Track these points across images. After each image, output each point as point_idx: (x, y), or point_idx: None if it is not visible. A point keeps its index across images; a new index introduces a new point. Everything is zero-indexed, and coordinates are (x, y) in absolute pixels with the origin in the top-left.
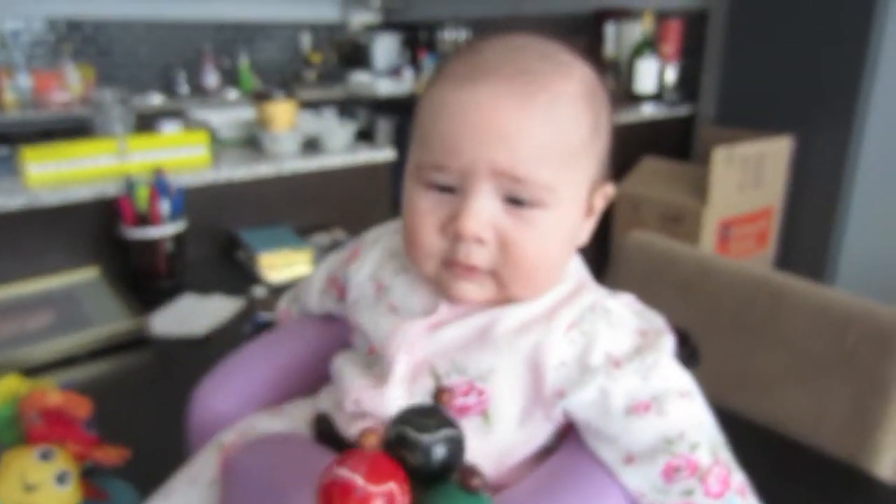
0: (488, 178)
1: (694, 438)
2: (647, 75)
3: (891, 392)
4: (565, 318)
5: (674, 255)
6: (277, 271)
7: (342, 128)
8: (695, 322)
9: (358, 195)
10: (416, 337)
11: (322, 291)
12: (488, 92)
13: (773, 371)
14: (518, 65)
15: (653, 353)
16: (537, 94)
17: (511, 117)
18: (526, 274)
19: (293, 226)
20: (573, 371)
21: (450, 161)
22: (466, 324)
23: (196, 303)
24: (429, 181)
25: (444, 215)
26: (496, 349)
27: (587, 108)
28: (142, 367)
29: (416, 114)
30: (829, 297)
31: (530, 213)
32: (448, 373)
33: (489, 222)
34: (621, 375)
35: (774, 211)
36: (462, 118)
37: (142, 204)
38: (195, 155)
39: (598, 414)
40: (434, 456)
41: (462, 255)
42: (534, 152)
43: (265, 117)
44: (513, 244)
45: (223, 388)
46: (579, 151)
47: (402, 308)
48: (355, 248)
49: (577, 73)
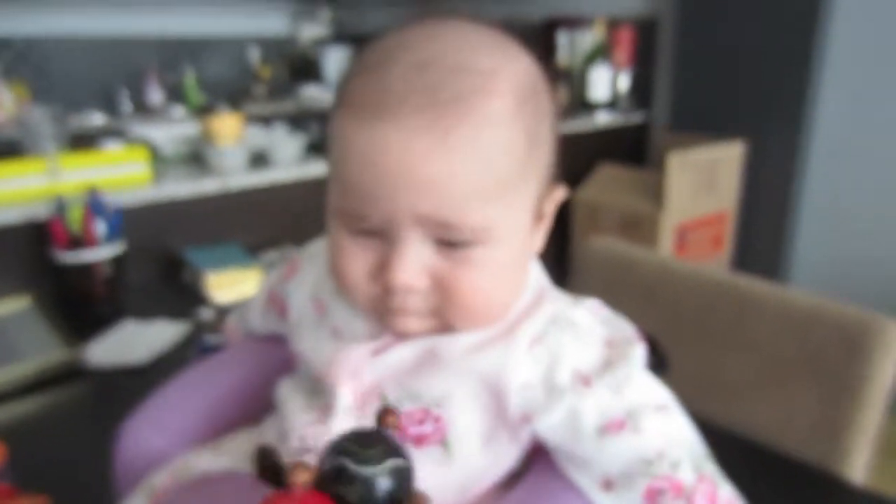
0: (414, 224)
1: (674, 456)
2: (600, 83)
3: (859, 393)
4: (526, 333)
5: (634, 260)
6: (226, 291)
7: (291, 140)
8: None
9: (310, 209)
10: (360, 362)
11: (264, 311)
12: (397, 132)
13: (740, 376)
14: (429, 89)
15: (624, 365)
16: (456, 126)
17: (428, 161)
18: (472, 313)
19: (243, 243)
20: (539, 393)
21: (369, 210)
22: (418, 346)
23: (137, 329)
24: (351, 227)
25: (372, 262)
26: (450, 371)
27: (519, 127)
28: (75, 401)
29: (328, 145)
30: (793, 299)
31: (467, 253)
32: (400, 400)
33: (422, 269)
34: (591, 392)
35: (729, 214)
36: (371, 165)
37: (75, 226)
38: (134, 173)
39: (569, 436)
40: (377, 491)
41: (397, 303)
42: (460, 195)
43: (210, 132)
44: (452, 288)
45: (154, 424)
46: (514, 179)
47: (345, 332)
48: (294, 262)
49: (503, 82)
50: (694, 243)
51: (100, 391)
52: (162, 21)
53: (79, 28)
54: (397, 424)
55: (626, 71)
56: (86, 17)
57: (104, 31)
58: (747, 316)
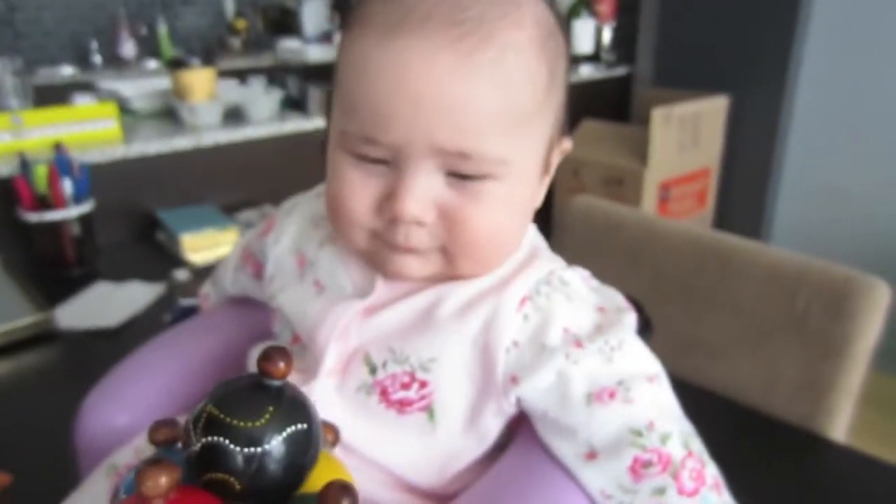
0: (428, 154)
1: (665, 428)
2: (584, 36)
3: (843, 353)
4: (518, 290)
5: (618, 219)
6: (202, 253)
7: (267, 96)
8: (643, 287)
9: (288, 167)
10: (350, 322)
11: (236, 269)
12: (420, 48)
13: (724, 336)
14: (455, 9)
15: (616, 331)
16: (480, 47)
17: (450, 81)
18: (478, 252)
19: (218, 203)
20: (527, 352)
21: (380, 135)
22: (407, 306)
23: (110, 291)
24: (358, 153)
25: (377, 191)
26: (441, 332)
27: (542, 59)
28: (44, 366)
29: (337, 69)
30: (779, 259)
31: (479, 187)
32: (385, 362)
33: (431, 201)
34: (583, 356)
35: (712, 171)
36: (391, 83)
37: (41, 185)
38: (104, 129)
39: (556, 402)
40: (269, 470)
41: (401, 237)
42: (480, 122)
43: (182, 87)
44: (461, 222)
45: (117, 400)
46: (534, 113)
47: (329, 286)
48: (270, 218)
49: (529, 15)
50: (678, 200)
51: (70, 355)
52: None
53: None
54: (287, 368)
55: (609, 24)
56: None
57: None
58: (732, 275)
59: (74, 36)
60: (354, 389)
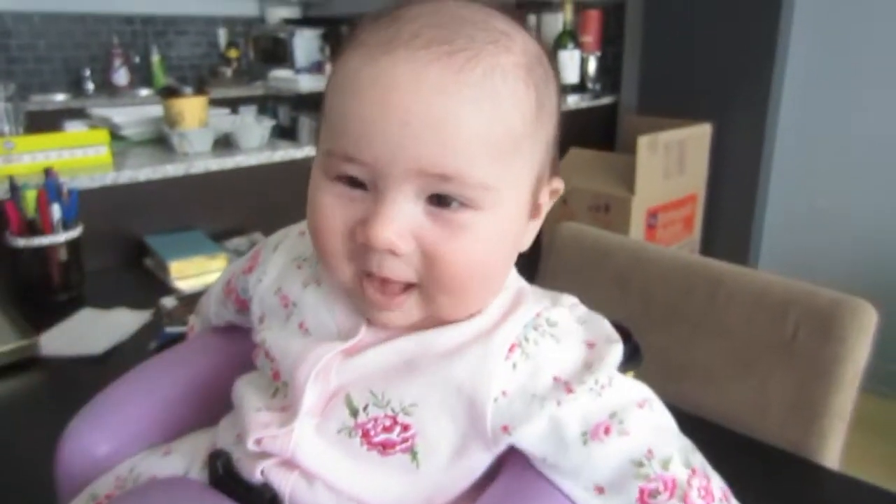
0: (409, 176)
1: (664, 453)
2: (570, 66)
3: (833, 377)
4: (506, 337)
5: (607, 245)
6: (190, 280)
7: (258, 125)
8: (630, 313)
9: (278, 195)
10: (330, 363)
11: (219, 302)
12: (408, 65)
13: (714, 361)
14: (444, 32)
15: (604, 366)
16: (469, 65)
17: (436, 98)
18: (457, 290)
19: (208, 230)
20: (518, 402)
21: (361, 153)
22: (390, 349)
23: (96, 318)
24: (336, 172)
25: (352, 216)
26: (424, 378)
27: (530, 85)
28: (27, 393)
29: (326, 91)
30: (767, 282)
31: (461, 217)
32: (366, 405)
33: (408, 229)
34: (574, 399)
35: (699, 196)
36: (376, 99)
37: (30, 209)
38: (94, 155)
39: (553, 447)
40: None
41: (374, 265)
42: (466, 142)
43: (173, 114)
44: (439, 256)
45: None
46: (521, 140)
47: (314, 329)
48: (255, 253)
49: (518, 43)
50: (665, 226)
51: (53, 382)
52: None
53: (42, 3)
54: None
55: (594, 54)
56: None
57: (69, 7)
58: (720, 300)
59: (68, 62)
60: (336, 431)
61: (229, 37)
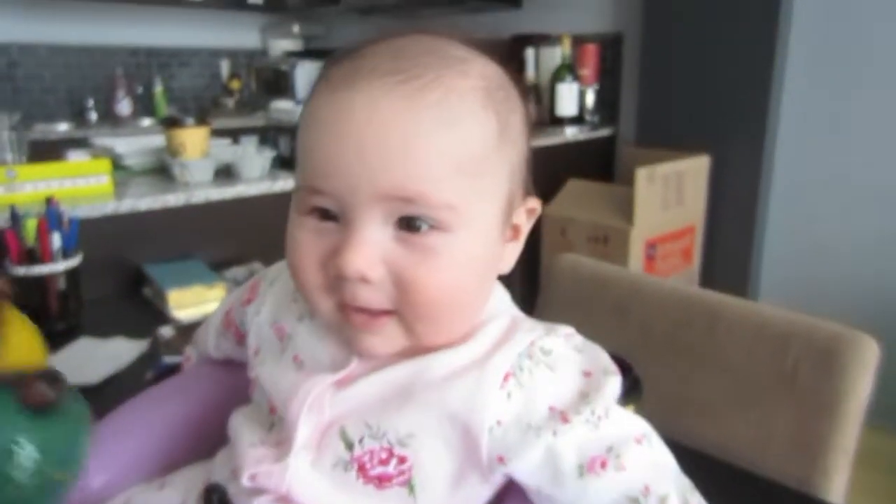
0: (373, 202)
1: (661, 490)
2: (568, 98)
3: (836, 412)
4: (500, 366)
5: (605, 276)
6: (187, 309)
7: (259, 155)
8: (630, 345)
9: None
10: (322, 395)
11: (219, 333)
12: (364, 95)
13: (715, 394)
14: (402, 63)
15: (601, 397)
16: (424, 90)
17: (394, 122)
18: (433, 316)
19: (207, 259)
20: (513, 432)
21: (326, 184)
22: (383, 379)
23: (93, 347)
24: (307, 206)
25: (325, 249)
26: (419, 407)
27: (489, 107)
28: None
29: (297, 129)
30: (767, 315)
31: (429, 240)
32: (362, 438)
33: (378, 256)
34: (570, 430)
35: (697, 228)
36: (336, 130)
37: (30, 237)
38: (96, 184)
39: (548, 479)
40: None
41: (348, 296)
42: (425, 164)
43: (175, 144)
44: (410, 281)
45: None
46: (484, 158)
47: (308, 361)
48: (254, 284)
49: (476, 69)
50: (664, 257)
51: None
52: (131, 33)
53: (48, 35)
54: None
55: (592, 86)
56: (51, 24)
57: (74, 39)
58: (720, 333)
59: (72, 93)
60: (331, 465)
61: (232, 68)
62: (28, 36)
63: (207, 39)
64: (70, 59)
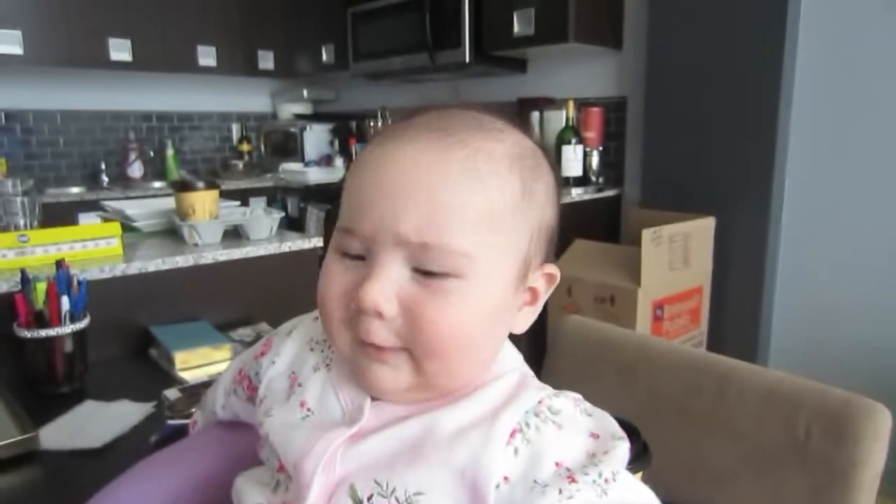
0: (393, 246)
1: None
2: (573, 160)
3: (851, 482)
4: (507, 422)
5: (612, 338)
6: (194, 371)
7: (267, 216)
8: (637, 409)
9: (285, 286)
10: (335, 451)
11: (229, 391)
12: (406, 148)
13: (724, 462)
14: (445, 124)
15: (609, 462)
16: (455, 147)
17: (424, 174)
18: (440, 352)
19: (214, 320)
20: (519, 489)
21: (357, 225)
22: (394, 434)
23: (97, 410)
24: (343, 248)
25: (348, 282)
26: (428, 465)
27: (514, 169)
28: (24, 487)
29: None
30: (776, 381)
31: (444, 283)
32: (371, 496)
33: (394, 292)
34: (576, 491)
35: (704, 289)
36: (373, 176)
37: (40, 301)
38: (106, 247)
39: None
40: None
41: (363, 331)
42: (448, 213)
43: (185, 207)
44: (423, 318)
45: None
46: (502, 215)
47: (317, 410)
48: (267, 340)
49: (511, 138)
50: (671, 318)
51: (52, 476)
52: (146, 97)
53: (62, 102)
54: None
55: (597, 149)
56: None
57: (87, 105)
58: (729, 398)
59: (85, 157)
60: None
61: (242, 131)
62: (45, 103)
63: (219, 104)
64: (83, 125)
